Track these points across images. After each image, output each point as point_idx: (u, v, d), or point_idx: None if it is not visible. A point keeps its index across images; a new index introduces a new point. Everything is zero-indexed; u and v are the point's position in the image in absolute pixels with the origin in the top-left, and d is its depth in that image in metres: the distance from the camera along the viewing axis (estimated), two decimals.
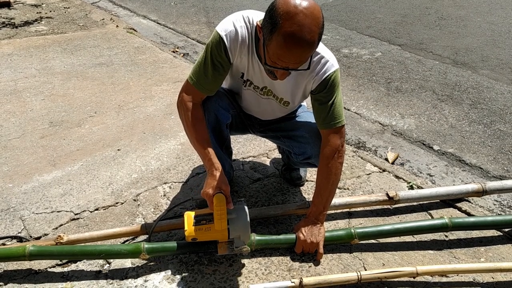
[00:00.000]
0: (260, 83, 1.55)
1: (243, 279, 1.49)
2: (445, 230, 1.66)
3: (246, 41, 1.42)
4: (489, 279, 1.51)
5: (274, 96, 1.58)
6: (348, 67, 3.64)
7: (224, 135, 1.69)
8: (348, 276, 1.43)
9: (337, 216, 1.81)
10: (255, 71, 1.50)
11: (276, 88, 1.54)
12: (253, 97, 1.63)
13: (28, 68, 3.32)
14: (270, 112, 1.70)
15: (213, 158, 1.45)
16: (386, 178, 2.08)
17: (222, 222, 1.37)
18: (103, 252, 1.50)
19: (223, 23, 1.43)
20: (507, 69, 3.54)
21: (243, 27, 1.41)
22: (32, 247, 1.49)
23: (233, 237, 1.43)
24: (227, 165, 1.83)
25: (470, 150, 2.49)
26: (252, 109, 1.72)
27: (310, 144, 1.63)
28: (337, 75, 1.47)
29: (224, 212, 1.37)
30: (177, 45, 4.15)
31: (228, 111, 1.65)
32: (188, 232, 1.41)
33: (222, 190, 1.39)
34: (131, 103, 2.80)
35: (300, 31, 1.16)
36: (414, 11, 5.23)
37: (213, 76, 1.47)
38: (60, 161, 2.18)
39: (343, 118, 1.51)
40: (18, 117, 2.60)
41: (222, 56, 1.43)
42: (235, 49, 1.43)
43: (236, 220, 1.41)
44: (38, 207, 1.85)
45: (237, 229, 1.41)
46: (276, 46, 1.21)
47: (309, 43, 1.19)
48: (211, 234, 1.42)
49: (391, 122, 2.79)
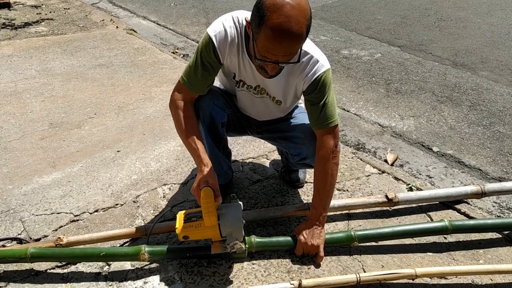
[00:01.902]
0: (253, 82, 1.56)
1: (242, 281, 1.49)
2: (445, 233, 1.67)
3: (236, 40, 1.44)
4: (488, 281, 1.51)
5: (267, 94, 1.59)
6: (347, 68, 3.64)
7: (220, 134, 1.69)
8: (347, 278, 1.43)
9: (336, 217, 1.81)
10: (246, 71, 1.51)
11: (269, 86, 1.55)
12: (247, 98, 1.64)
13: (28, 69, 3.32)
14: (266, 112, 1.70)
15: (202, 154, 1.45)
16: (386, 179, 2.09)
17: (210, 217, 1.34)
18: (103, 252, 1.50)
19: (213, 24, 1.46)
20: (506, 70, 3.55)
21: (232, 27, 1.43)
22: (33, 249, 1.49)
23: (225, 234, 1.40)
24: (225, 165, 1.83)
25: (470, 151, 2.49)
26: (248, 110, 1.73)
27: (305, 145, 1.63)
28: (328, 75, 1.47)
29: (212, 206, 1.34)
30: (177, 46, 4.16)
31: (224, 110, 1.66)
32: (179, 230, 1.39)
33: (209, 184, 1.37)
34: (131, 105, 2.80)
35: (287, 22, 1.17)
36: (413, 12, 5.24)
37: (203, 76, 1.49)
38: (60, 163, 2.19)
39: (335, 118, 1.52)
40: (18, 119, 2.60)
41: (211, 56, 1.45)
42: (224, 49, 1.45)
43: (226, 216, 1.38)
44: (38, 209, 1.86)
45: (228, 224, 1.38)
46: (264, 39, 1.22)
47: (297, 35, 1.20)
48: (202, 232, 1.40)
49: (391, 124, 2.79)
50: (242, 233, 1.42)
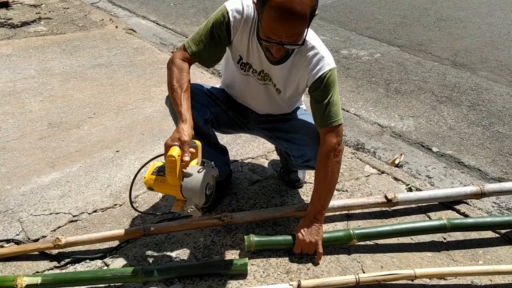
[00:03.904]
0: (258, 67, 1.56)
1: (241, 281, 1.49)
2: (444, 231, 1.67)
3: (250, 21, 1.45)
4: (487, 282, 1.51)
5: (270, 81, 1.59)
6: (347, 68, 3.64)
7: (203, 131, 1.66)
8: (346, 279, 1.43)
9: (336, 218, 1.81)
10: (254, 54, 1.52)
11: (273, 73, 1.55)
12: (251, 84, 1.63)
13: (27, 69, 3.32)
14: (266, 101, 1.68)
15: (183, 110, 1.38)
16: (385, 180, 2.08)
17: (172, 177, 1.31)
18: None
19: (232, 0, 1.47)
20: (506, 70, 3.55)
21: (250, 7, 1.44)
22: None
23: (186, 196, 1.35)
24: (218, 162, 1.81)
25: (469, 152, 2.49)
26: (248, 98, 1.71)
27: (309, 147, 1.63)
28: (333, 74, 1.48)
29: (174, 166, 1.29)
30: (176, 46, 4.15)
31: (208, 107, 1.66)
32: (146, 180, 1.38)
33: (180, 142, 1.31)
34: (130, 104, 2.80)
35: (289, 2, 1.19)
36: (413, 12, 5.24)
37: (208, 45, 1.48)
38: (58, 163, 2.18)
39: (340, 117, 1.52)
40: (16, 118, 2.60)
41: (222, 30, 1.46)
42: (237, 27, 1.46)
43: (191, 179, 1.32)
44: (36, 209, 1.85)
45: (188, 188, 1.32)
46: (267, 19, 1.23)
47: (300, 14, 1.21)
48: (165, 188, 1.37)
49: (390, 124, 2.79)
50: (203, 199, 1.35)
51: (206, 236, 1.70)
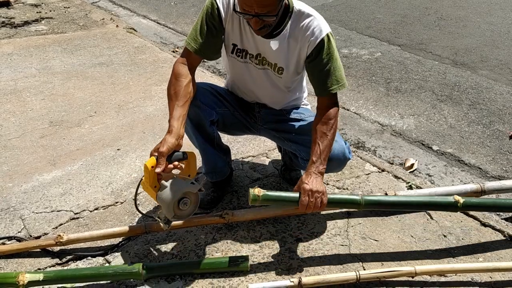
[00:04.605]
0: (254, 50, 1.57)
1: (242, 279, 1.49)
2: (455, 210, 1.63)
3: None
4: (487, 279, 1.52)
5: (269, 64, 1.59)
6: (347, 67, 3.64)
7: (208, 132, 1.68)
8: (347, 276, 1.43)
9: (336, 216, 1.81)
10: (247, 38, 1.54)
11: (268, 53, 1.56)
12: (250, 71, 1.64)
13: (28, 67, 3.33)
14: (267, 87, 1.67)
15: (172, 121, 1.40)
16: (385, 178, 2.09)
17: (147, 185, 1.37)
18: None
19: None
20: (506, 69, 3.55)
21: None
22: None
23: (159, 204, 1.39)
24: (220, 162, 1.82)
25: (469, 150, 2.49)
26: (250, 85, 1.70)
27: None
28: (332, 37, 1.51)
29: (146, 175, 1.34)
30: (177, 45, 4.15)
31: (214, 108, 1.66)
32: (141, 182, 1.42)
33: (158, 153, 1.33)
34: (131, 103, 2.81)
35: None
36: (413, 11, 5.24)
37: (207, 37, 1.52)
38: (60, 161, 2.19)
39: (344, 81, 1.55)
40: (18, 117, 2.61)
41: (215, 17, 1.50)
42: (227, 11, 1.50)
43: (163, 192, 1.35)
44: (38, 207, 1.86)
45: (160, 198, 1.36)
46: None
47: None
48: (148, 192, 1.42)
49: (391, 122, 2.79)
50: (171, 213, 1.38)
51: (207, 234, 1.71)
